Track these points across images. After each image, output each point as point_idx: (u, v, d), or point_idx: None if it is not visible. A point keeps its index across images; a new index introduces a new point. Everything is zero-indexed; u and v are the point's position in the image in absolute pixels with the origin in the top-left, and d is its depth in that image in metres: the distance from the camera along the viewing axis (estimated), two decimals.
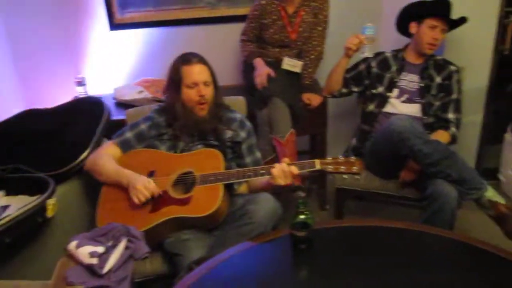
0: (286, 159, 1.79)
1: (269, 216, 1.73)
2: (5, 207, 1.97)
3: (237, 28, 2.85)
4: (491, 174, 3.08)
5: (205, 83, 1.96)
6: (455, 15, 2.43)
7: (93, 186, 2.08)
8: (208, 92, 1.98)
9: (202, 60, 1.99)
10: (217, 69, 2.07)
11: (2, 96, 2.90)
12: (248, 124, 2.11)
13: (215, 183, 1.83)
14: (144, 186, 1.82)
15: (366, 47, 2.37)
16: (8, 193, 2.07)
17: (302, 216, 1.53)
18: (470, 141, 2.97)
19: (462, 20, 2.43)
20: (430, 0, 2.44)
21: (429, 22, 2.39)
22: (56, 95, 2.97)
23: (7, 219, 1.74)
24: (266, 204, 1.75)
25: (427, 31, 2.41)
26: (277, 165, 1.76)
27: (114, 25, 3.00)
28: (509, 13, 2.79)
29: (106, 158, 1.99)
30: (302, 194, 2.96)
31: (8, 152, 2.20)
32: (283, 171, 1.74)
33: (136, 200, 1.82)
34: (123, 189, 1.90)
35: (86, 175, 2.10)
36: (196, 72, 1.96)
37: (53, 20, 2.97)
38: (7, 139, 2.28)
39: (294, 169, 1.74)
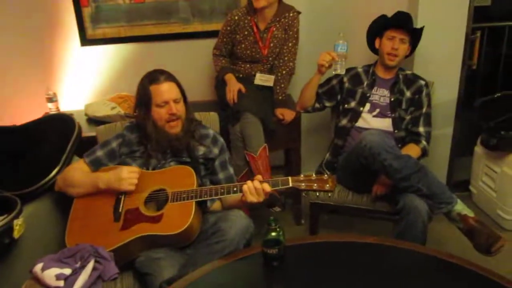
0: (259, 176, 1.78)
1: (241, 234, 1.72)
2: None
3: (210, 44, 2.85)
4: (462, 186, 3.14)
5: (175, 101, 1.94)
6: (424, 31, 2.49)
7: (63, 205, 2.04)
8: (179, 108, 1.96)
9: (169, 77, 1.96)
10: (190, 84, 2.06)
11: None
12: (220, 140, 2.10)
13: (187, 200, 1.81)
14: (128, 171, 1.84)
15: (338, 63, 2.39)
16: None
17: (273, 233, 1.52)
18: (441, 154, 3.02)
19: (421, 29, 2.50)
20: (391, 15, 2.51)
21: (388, 34, 2.47)
22: (26, 111, 2.91)
23: None
24: (238, 222, 1.74)
25: (386, 42, 2.47)
26: (248, 183, 1.75)
27: (86, 40, 2.97)
28: (476, 29, 2.88)
29: (75, 171, 1.97)
30: (277, 209, 2.97)
31: None
32: (255, 188, 1.73)
33: (130, 187, 1.84)
34: (94, 205, 1.87)
35: (56, 194, 2.06)
36: (165, 91, 1.93)
37: (23, 34, 2.93)
38: None
39: (266, 187, 1.74)
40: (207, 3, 2.97)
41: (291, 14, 2.66)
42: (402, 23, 2.46)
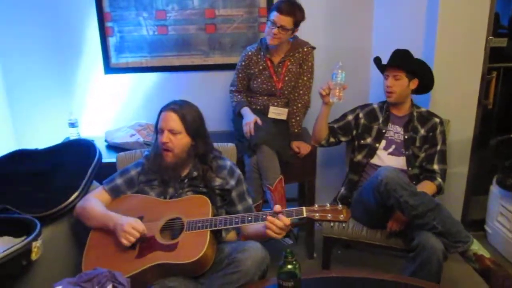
0: (278, 206, 1.79)
1: (256, 265, 1.72)
2: None
3: (229, 75, 2.93)
4: (477, 225, 3.11)
5: (171, 131, 1.96)
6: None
7: (80, 229, 2.07)
8: (174, 140, 1.96)
9: (175, 109, 1.97)
10: (208, 114, 2.09)
11: None
12: (237, 171, 2.13)
13: (202, 229, 1.83)
14: (131, 226, 1.81)
15: (335, 92, 2.35)
16: None
17: (289, 266, 1.53)
18: (456, 192, 3.01)
19: (418, 64, 2.53)
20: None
21: (385, 72, 2.53)
22: (48, 136, 2.99)
23: None
24: (254, 253, 1.75)
25: (384, 81, 2.54)
26: (270, 219, 1.76)
27: (110, 69, 3.06)
28: (492, 69, 2.91)
29: (94, 202, 2.00)
30: (289, 241, 2.97)
31: None
32: (277, 226, 1.75)
33: (125, 242, 1.80)
34: (110, 234, 1.89)
35: (74, 218, 2.09)
36: (164, 119, 1.98)
37: (48, 62, 3.03)
38: None
39: (287, 221, 1.75)
40: (228, 36, 3.05)
41: (305, 49, 2.73)
42: (391, 62, 2.50)
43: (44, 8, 2.93)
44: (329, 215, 1.78)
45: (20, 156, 2.41)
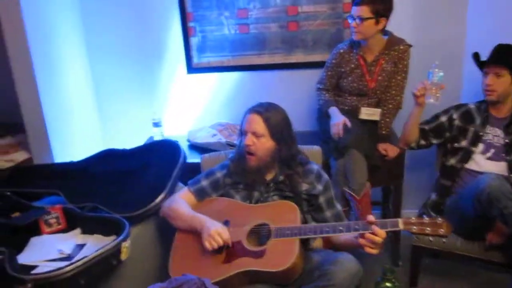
0: (371, 217, 1.69)
1: (350, 279, 1.64)
2: (81, 246, 2.01)
3: (311, 74, 2.84)
4: None
5: (255, 134, 1.92)
6: None
7: (165, 229, 2.08)
8: (257, 144, 1.93)
9: (259, 112, 1.93)
10: (290, 114, 2.02)
11: (84, 135, 3.04)
12: (325, 176, 2.05)
13: (291, 237, 1.77)
14: (217, 233, 1.79)
15: (432, 92, 2.26)
16: (83, 231, 2.11)
17: (388, 284, 1.44)
18: None
19: None
20: None
21: (484, 70, 2.34)
22: (133, 135, 3.07)
23: (85, 260, 1.76)
24: (348, 266, 1.66)
25: (483, 78, 2.35)
26: (368, 236, 1.67)
27: (192, 69, 3.08)
28: None
29: (181, 203, 2.00)
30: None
31: (87, 190, 2.26)
32: (373, 241, 1.66)
33: (208, 246, 1.79)
34: (197, 236, 1.88)
35: (159, 219, 2.12)
36: (248, 121, 1.95)
37: (134, 64, 3.12)
38: (87, 177, 2.35)
39: (382, 234, 1.65)
40: (310, 34, 2.96)
41: (401, 47, 2.57)
42: (494, 58, 2.29)
43: (128, 10, 3.01)
44: (428, 228, 1.66)
45: (109, 156, 2.48)
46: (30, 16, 2.47)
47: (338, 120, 2.48)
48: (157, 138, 3.02)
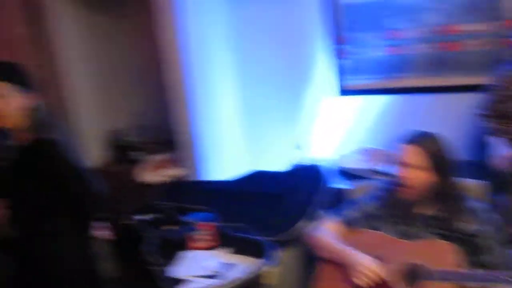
0: None
1: None
2: (227, 265, 2.06)
3: (471, 98, 2.60)
4: None
5: (412, 166, 1.81)
6: None
7: (307, 256, 2.06)
8: (414, 176, 1.81)
9: (417, 142, 1.83)
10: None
11: (233, 156, 3.20)
12: (489, 215, 1.85)
13: (449, 282, 1.64)
14: (368, 269, 1.73)
15: None
16: (232, 251, 2.18)
17: None
18: None
19: None
20: None
21: None
22: (277, 157, 3.12)
23: (237, 282, 1.83)
24: None
25: None
26: None
27: (342, 91, 3.04)
28: None
29: (327, 233, 1.97)
30: None
31: (238, 210, 2.36)
32: None
33: (357, 281, 1.73)
34: (343, 269, 1.83)
35: (301, 245, 2.10)
36: (404, 152, 1.84)
37: (281, 85, 3.19)
38: (238, 197, 2.46)
39: None
40: (467, 55, 2.72)
41: None
42: None
43: (276, 34, 3.10)
44: None
45: (257, 177, 2.57)
46: (187, 46, 2.77)
47: (503, 152, 2.23)
48: (301, 161, 3.03)
